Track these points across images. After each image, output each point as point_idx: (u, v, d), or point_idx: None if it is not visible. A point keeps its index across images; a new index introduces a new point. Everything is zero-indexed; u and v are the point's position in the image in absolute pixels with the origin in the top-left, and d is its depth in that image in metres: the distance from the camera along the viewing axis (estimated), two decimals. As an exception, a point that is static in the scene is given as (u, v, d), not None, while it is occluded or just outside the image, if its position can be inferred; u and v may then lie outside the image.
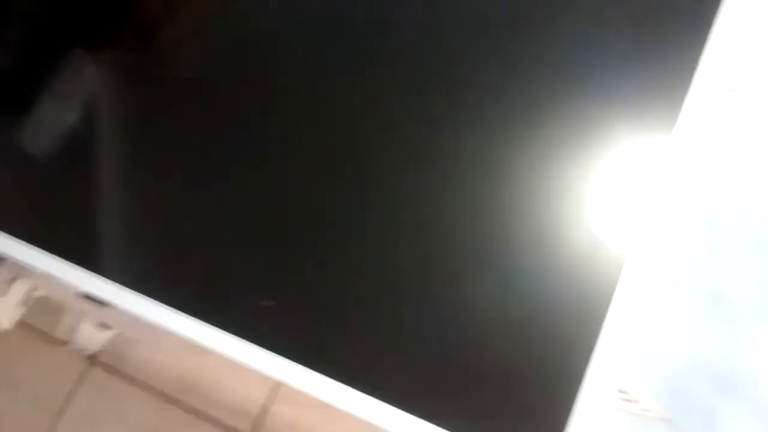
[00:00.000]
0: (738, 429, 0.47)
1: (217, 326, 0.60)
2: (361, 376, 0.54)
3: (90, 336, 1.44)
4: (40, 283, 1.17)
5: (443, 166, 0.56)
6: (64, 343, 1.47)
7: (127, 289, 0.64)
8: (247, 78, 0.62)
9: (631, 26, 0.54)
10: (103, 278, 0.65)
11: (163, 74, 0.65)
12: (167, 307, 0.62)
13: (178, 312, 0.62)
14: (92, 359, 1.53)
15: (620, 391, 0.49)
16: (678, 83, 0.53)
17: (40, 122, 0.68)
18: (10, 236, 0.67)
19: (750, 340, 0.48)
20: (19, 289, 1.23)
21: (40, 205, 0.69)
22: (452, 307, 0.53)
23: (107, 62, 0.67)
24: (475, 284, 0.53)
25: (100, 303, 0.67)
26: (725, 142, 0.53)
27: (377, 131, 0.58)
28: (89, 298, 0.70)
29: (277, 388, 1.46)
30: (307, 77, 0.60)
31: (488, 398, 0.51)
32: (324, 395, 0.55)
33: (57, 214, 0.68)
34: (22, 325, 1.55)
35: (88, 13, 0.67)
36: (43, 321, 1.53)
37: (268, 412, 1.45)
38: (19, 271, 1.15)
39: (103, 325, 1.41)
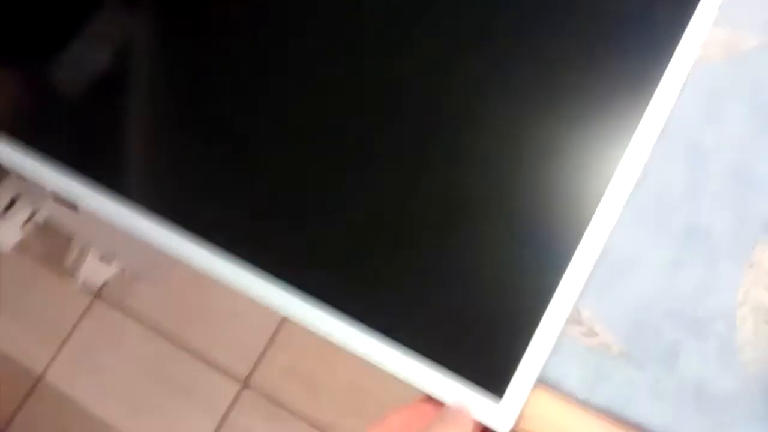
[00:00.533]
0: (700, 371, 0.45)
1: (222, 248, 0.56)
2: (368, 313, 0.52)
3: (95, 269, 1.45)
4: (42, 205, 1.17)
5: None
6: (70, 275, 1.47)
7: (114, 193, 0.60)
8: (295, 19, 0.59)
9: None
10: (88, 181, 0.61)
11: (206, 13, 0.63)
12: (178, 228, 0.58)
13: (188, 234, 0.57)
14: (97, 293, 1.54)
15: (580, 324, 0.46)
16: (676, 19, 0.50)
17: (74, 53, 0.67)
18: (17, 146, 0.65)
19: (724, 279, 0.46)
20: (20, 212, 1.23)
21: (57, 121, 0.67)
22: (447, 245, 0.51)
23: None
24: (459, 216, 0.51)
25: (70, 206, 0.66)
26: (714, 76, 0.50)
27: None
28: (60, 200, 0.68)
29: (277, 333, 1.45)
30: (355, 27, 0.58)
31: (461, 332, 0.49)
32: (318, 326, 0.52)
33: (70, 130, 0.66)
34: (29, 252, 1.56)
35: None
36: (48, 249, 1.54)
37: (267, 356, 1.45)
38: (20, 191, 1.15)
39: (108, 259, 1.42)
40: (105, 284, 1.52)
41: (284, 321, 1.45)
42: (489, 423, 0.45)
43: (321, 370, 1.41)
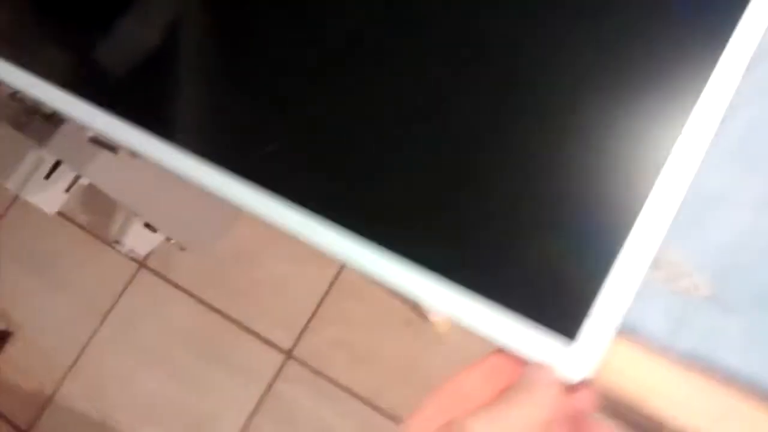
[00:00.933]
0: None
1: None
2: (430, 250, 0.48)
3: (140, 237, 1.44)
4: (87, 170, 1.16)
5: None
6: (115, 243, 1.47)
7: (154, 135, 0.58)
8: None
9: None
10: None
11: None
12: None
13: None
14: (141, 263, 1.53)
15: (664, 264, 0.42)
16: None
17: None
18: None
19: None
20: (63, 176, 1.22)
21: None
22: (516, 173, 0.47)
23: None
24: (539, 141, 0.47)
25: (110, 148, 0.64)
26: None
27: None
28: (98, 142, 0.66)
29: (322, 305, 1.43)
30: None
31: (530, 270, 0.45)
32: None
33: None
34: (72, 219, 1.56)
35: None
36: (91, 217, 1.53)
37: (311, 328, 1.43)
38: (64, 155, 1.14)
39: (153, 227, 1.40)
40: (150, 253, 1.51)
41: (329, 292, 1.43)
42: (561, 369, 0.42)
43: (366, 342, 1.39)
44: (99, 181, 1.21)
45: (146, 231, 1.43)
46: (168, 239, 1.45)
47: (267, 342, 1.43)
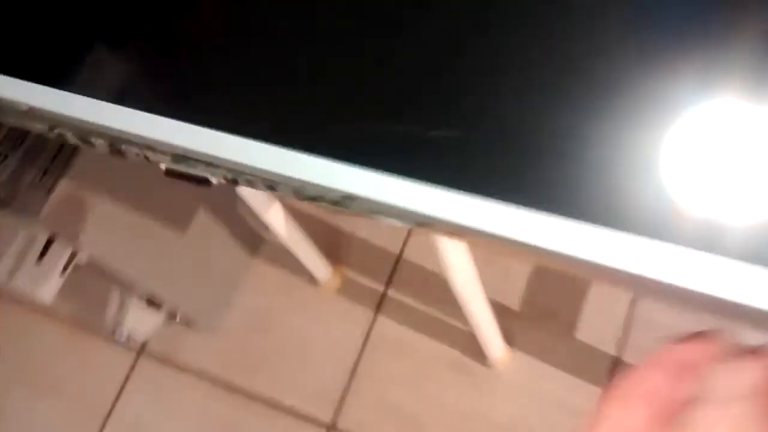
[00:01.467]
0: None
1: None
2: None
3: (139, 320, 1.25)
4: (83, 242, 0.99)
5: None
6: (111, 331, 1.28)
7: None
8: None
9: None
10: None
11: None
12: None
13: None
14: (142, 348, 1.33)
15: None
16: None
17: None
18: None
19: None
20: (58, 255, 1.05)
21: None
22: None
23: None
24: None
25: (197, 180, 0.51)
26: None
27: None
28: (174, 173, 0.53)
29: (358, 364, 1.26)
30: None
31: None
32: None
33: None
34: (63, 311, 1.35)
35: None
36: (85, 305, 1.33)
37: (351, 393, 1.25)
38: (58, 226, 0.98)
39: (156, 301, 1.22)
40: (151, 337, 1.32)
41: (364, 349, 1.27)
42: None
43: (415, 398, 1.22)
44: (98, 252, 1.04)
45: (146, 313, 1.25)
46: (171, 318, 1.27)
47: (304, 419, 1.25)
